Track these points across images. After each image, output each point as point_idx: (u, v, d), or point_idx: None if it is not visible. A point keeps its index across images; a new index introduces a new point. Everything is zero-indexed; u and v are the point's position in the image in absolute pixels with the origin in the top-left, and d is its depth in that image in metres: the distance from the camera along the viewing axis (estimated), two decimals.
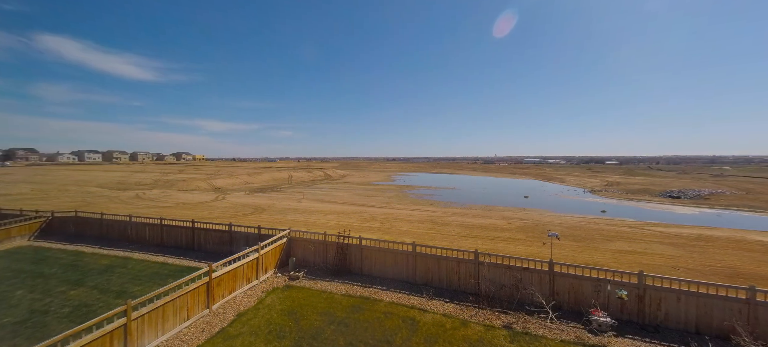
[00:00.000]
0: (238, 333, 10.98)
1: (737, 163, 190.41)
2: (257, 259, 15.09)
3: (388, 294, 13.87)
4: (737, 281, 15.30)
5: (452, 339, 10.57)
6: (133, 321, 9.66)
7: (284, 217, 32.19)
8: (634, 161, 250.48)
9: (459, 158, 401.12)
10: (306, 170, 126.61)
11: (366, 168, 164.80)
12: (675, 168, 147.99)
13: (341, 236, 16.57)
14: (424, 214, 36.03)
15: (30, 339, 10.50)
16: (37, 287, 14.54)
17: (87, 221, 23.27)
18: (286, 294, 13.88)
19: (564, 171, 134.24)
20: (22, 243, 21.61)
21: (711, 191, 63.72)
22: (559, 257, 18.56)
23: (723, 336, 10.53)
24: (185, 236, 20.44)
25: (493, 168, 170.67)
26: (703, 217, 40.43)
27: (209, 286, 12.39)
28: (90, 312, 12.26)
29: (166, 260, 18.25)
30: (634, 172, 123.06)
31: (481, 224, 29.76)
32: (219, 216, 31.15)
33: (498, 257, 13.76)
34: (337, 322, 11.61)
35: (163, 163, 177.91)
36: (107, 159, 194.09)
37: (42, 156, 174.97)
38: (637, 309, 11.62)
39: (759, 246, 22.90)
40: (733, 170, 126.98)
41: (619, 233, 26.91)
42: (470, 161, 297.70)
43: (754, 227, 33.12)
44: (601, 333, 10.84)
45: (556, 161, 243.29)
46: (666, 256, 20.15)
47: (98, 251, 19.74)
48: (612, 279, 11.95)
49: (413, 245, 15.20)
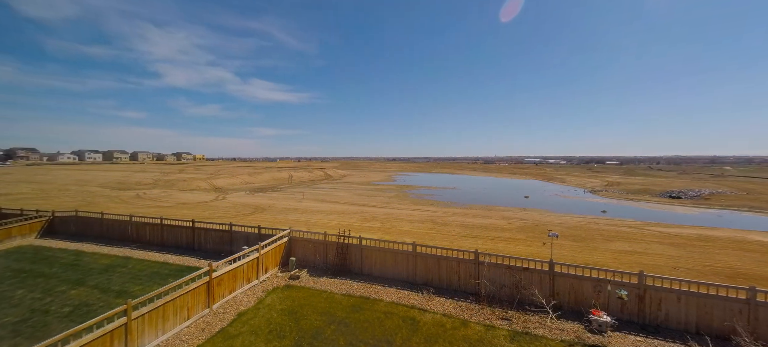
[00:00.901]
0: (239, 332, 10.98)
1: (737, 163, 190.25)
2: (257, 259, 15.09)
3: (388, 294, 13.86)
4: (738, 281, 15.28)
5: (452, 339, 10.57)
6: (134, 321, 9.66)
7: (284, 217, 32.19)
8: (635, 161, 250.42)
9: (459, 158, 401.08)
10: (306, 170, 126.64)
11: (366, 168, 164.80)
12: (675, 168, 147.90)
13: (341, 236, 16.56)
14: (425, 214, 36.03)
15: (30, 338, 10.51)
16: (38, 286, 14.56)
17: (87, 221, 23.28)
18: (287, 294, 13.88)
19: (564, 171, 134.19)
20: (23, 243, 21.62)
21: (711, 192, 63.67)
22: (559, 257, 18.55)
23: (723, 336, 10.52)
24: (185, 235, 20.45)
25: (494, 168, 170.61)
26: (703, 217, 40.39)
27: (209, 286, 12.40)
28: (90, 311, 12.27)
29: (167, 259, 18.26)
30: (635, 172, 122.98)
31: (482, 224, 29.75)
32: (219, 216, 31.16)
33: (498, 257, 13.75)
34: (338, 322, 11.61)
35: (164, 163, 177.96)
36: (107, 159, 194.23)
37: (42, 156, 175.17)
38: (637, 309, 11.61)
39: (759, 246, 22.88)
40: (734, 170, 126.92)
41: (620, 233, 26.89)
42: (470, 161, 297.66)
43: (754, 227, 33.08)
44: (602, 333, 10.83)
45: (556, 161, 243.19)
46: (666, 256, 20.14)
47: (99, 251, 19.75)
48: (612, 279, 11.94)
49: (413, 245, 15.20)
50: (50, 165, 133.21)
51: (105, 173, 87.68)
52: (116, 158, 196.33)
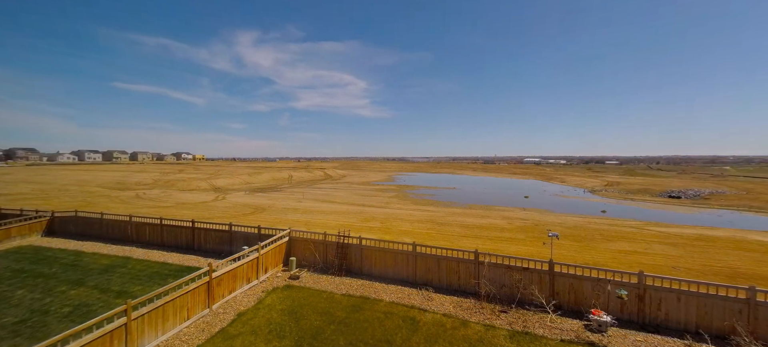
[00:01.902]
0: (239, 332, 10.98)
1: (737, 163, 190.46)
2: (257, 259, 15.09)
3: (388, 294, 13.86)
4: (737, 281, 15.29)
5: (452, 339, 10.57)
6: (134, 321, 9.65)
7: (284, 217, 32.20)
8: (634, 161, 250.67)
9: (459, 158, 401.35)
10: (306, 170, 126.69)
11: (366, 168, 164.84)
12: (675, 168, 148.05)
13: (341, 236, 16.56)
14: (425, 214, 36.05)
15: (30, 338, 10.50)
16: (38, 286, 14.55)
17: (87, 221, 23.27)
18: (286, 294, 13.88)
19: (564, 171, 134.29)
20: (23, 243, 21.60)
21: (711, 191, 63.72)
22: (559, 257, 18.56)
23: (723, 336, 10.52)
24: (185, 236, 20.44)
25: (494, 168, 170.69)
26: (703, 217, 40.42)
27: (209, 286, 12.39)
28: (90, 311, 12.26)
29: (167, 260, 18.25)
30: (634, 172, 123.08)
31: (482, 224, 29.77)
32: (219, 216, 31.16)
33: (498, 257, 13.75)
34: (337, 322, 11.61)
35: (163, 163, 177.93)
36: (107, 159, 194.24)
37: (42, 156, 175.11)
38: (637, 309, 11.61)
39: (759, 246, 22.91)
40: (734, 170, 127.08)
41: (620, 233, 26.91)
42: (470, 161, 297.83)
43: (754, 227, 33.12)
44: (602, 333, 10.84)
45: (556, 161, 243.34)
46: (666, 256, 20.15)
47: (98, 251, 19.74)
48: (612, 279, 11.95)
49: (413, 245, 15.20)
50: (50, 165, 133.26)
51: (105, 173, 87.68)
52: (116, 158, 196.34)
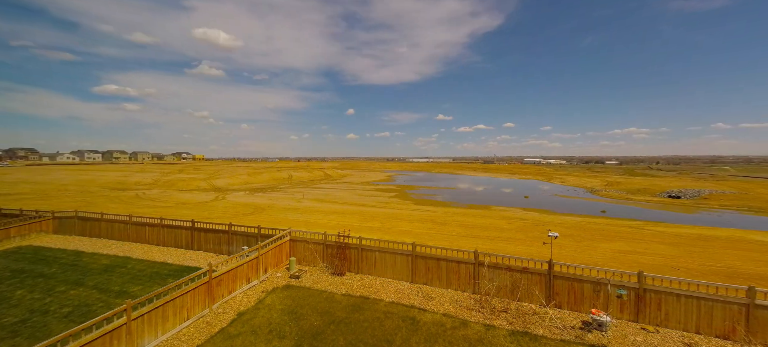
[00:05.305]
0: (238, 332, 10.98)
1: (737, 163, 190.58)
2: (257, 259, 15.09)
3: (388, 294, 13.87)
4: (737, 281, 15.31)
5: (452, 339, 10.58)
6: (133, 321, 9.66)
7: (284, 217, 32.20)
8: (634, 161, 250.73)
9: (459, 158, 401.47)
10: (306, 170, 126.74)
11: (366, 168, 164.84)
12: (675, 168, 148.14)
13: (341, 237, 16.57)
14: (424, 214, 36.06)
15: (30, 338, 10.49)
16: (37, 287, 14.54)
17: (87, 221, 23.27)
18: (286, 294, 13.88)
19: (564, 171, 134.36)
20: (23, 243, 21.59)
21: (711, 192, 63.74)
22: (559, 257, 18.58)
23: (723, 336, 10.54)
24: (185, 236, 20.44)
25: (494, 168, 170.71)
26: (702, 217, 40.44)
27: (209, 286, 12.39)
28: (90, 312, 12.26)
29: (166, 260, 18.24)
30: (634, 172, 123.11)
31: (482, 224, 29.78)
32: (219, 216, 31.16)
33: (498, 257, 13.75)
34: (337, 322, 11.61)
35: (163, 163, 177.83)
36: (107, 159, 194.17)
37: (42, 156, 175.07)
38: (636, 309, 11.63)
39: (759, 246, 22.92)
40: (733, 170, 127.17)
41: (619, 233, 26.92)
42: (470, 160, 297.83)
43: (753, 227, 33.13)
44: (601, 333, 10.84)
45: (556, 161, 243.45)
46: (666, 256, 20.16)
47: (98, 251, 19.73)
48: (612, 279, 11.96)
49: (413, 246, 15.20)
50: (50, 165, 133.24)
51: (104, 173, 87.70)
52: (116, 158, 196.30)
